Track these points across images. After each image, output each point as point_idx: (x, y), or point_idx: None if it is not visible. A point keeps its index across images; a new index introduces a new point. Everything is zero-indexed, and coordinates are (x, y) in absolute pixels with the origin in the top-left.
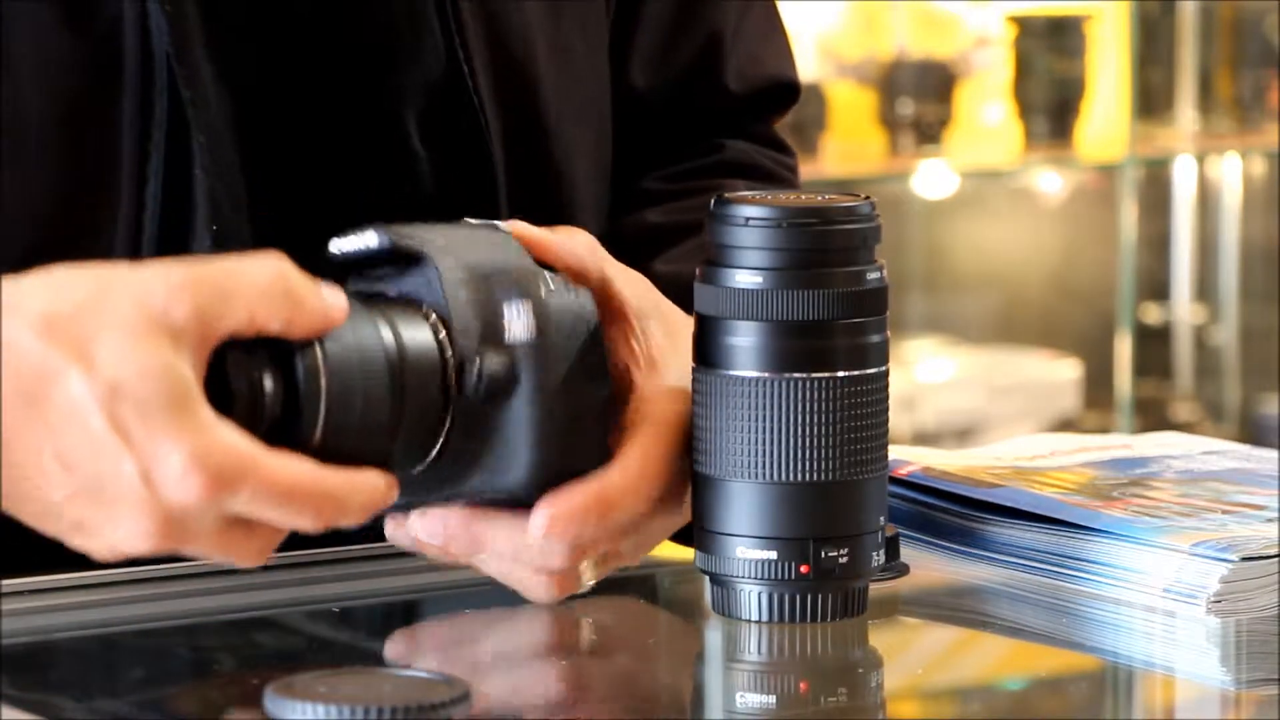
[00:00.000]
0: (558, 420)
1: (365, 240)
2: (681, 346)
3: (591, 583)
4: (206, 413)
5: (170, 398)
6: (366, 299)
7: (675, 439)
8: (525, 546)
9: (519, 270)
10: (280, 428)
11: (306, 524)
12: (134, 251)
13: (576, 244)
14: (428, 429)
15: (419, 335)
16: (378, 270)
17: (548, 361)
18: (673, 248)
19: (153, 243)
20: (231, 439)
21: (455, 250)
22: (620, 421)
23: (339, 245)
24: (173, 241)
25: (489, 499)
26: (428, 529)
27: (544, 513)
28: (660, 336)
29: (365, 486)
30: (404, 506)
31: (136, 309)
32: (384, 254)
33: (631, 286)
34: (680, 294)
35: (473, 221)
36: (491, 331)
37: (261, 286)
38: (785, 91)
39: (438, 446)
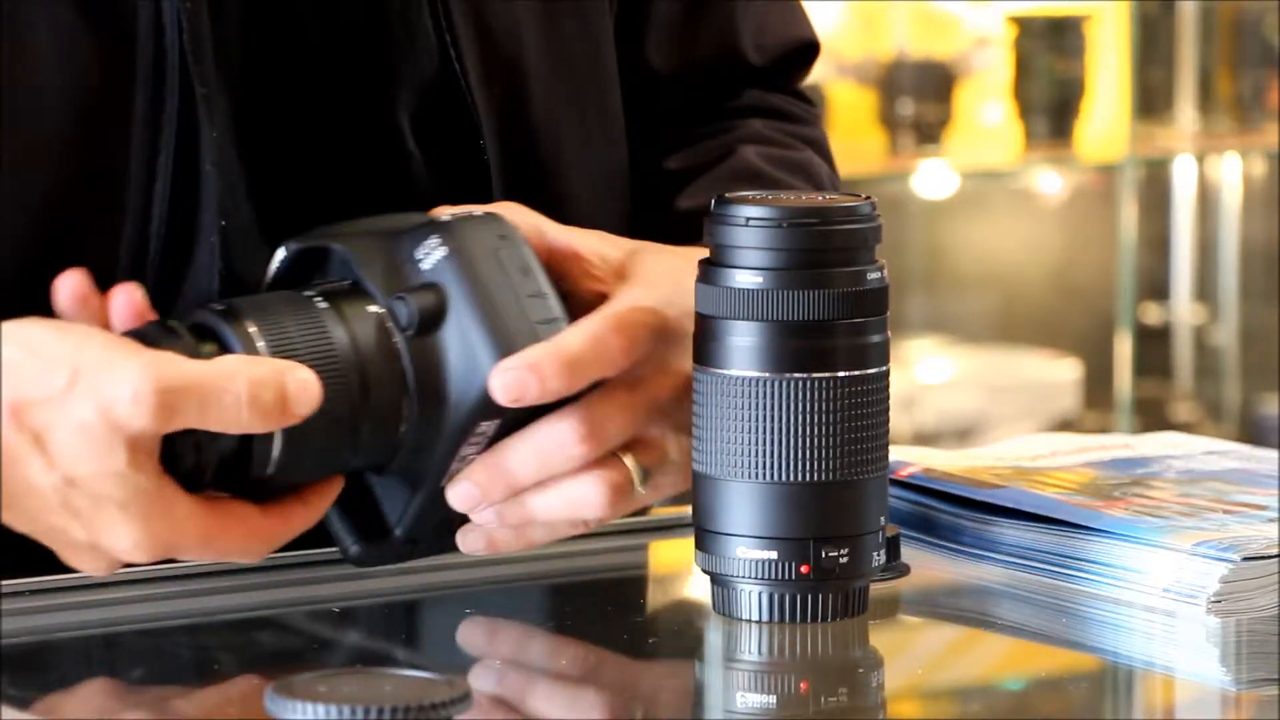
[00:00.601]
0: (510, 331)
1: (276, 258)
2: (675, 270)
3: (647, 490)
4: (159, 502)
5: (123, 498)
6: (301, 303)
7: (649, 310)
8: (551, 451)
9: (417, 218)
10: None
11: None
12: (141, 246)
13: (509, 210)
14: (390, 395)
15: (360, 320)
16: (310, 282)
17: (474, 276)
18: (690, 185)
19: (160, 239)
20: (183, 521)
21: (355, 229)
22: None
23: (268, 277)
24: (179, 239)
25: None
26: (461, 496)
27: (498, 371)
28: (628, 259)
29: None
30: (417, 482)
31: (98, 415)
32: (301, 263)
33: (580, 235)
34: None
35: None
36: (411, 272)
37: (226, 395)
38: (805, 51)
39: (409, 396)
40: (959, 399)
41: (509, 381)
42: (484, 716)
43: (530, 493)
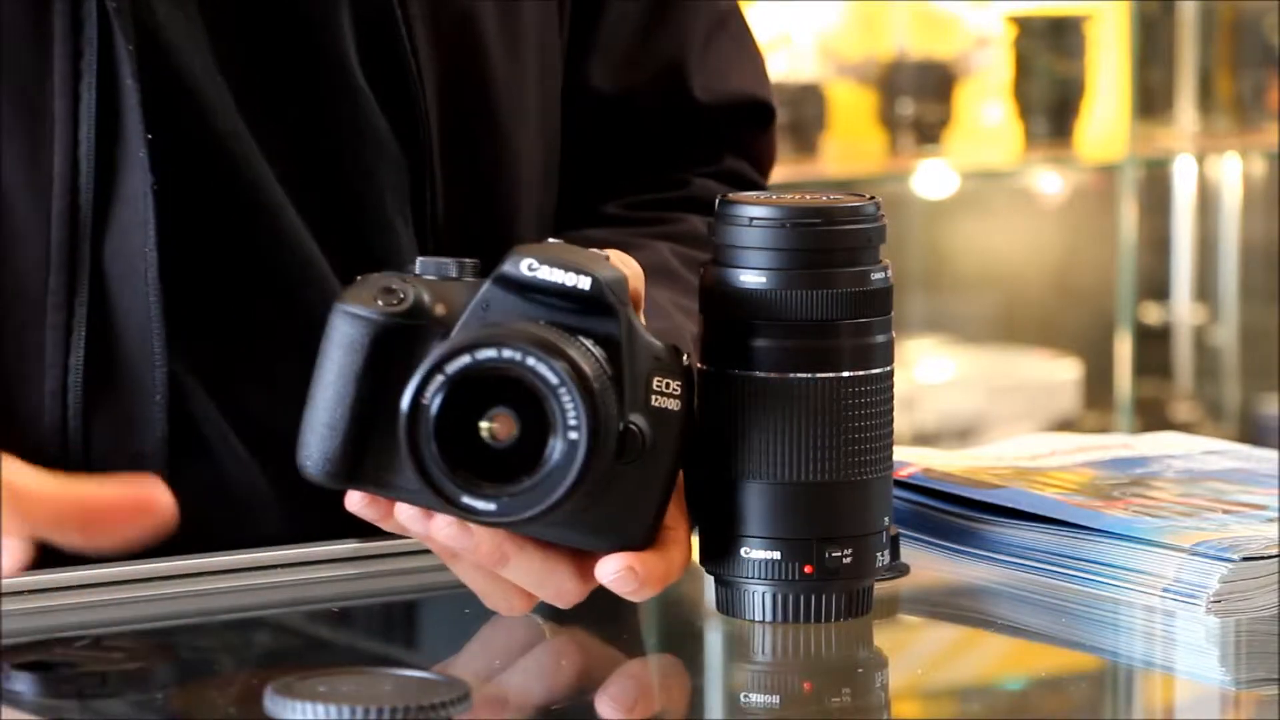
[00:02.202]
0: (668, 487)
1: (575, 280)
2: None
3: None
4: None
5: None
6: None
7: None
8: (548, 575)
9: (667, 337)
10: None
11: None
12: (72, 170)
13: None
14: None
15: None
16: (561, 302)
17: (681, 430)
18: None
19: (90, 160)
20: None
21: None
22: None
23: (534, 270)
24: (108, 160)
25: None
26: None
27: (621, 562)
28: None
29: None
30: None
31: None
32: (577, 292)
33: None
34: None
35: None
36: (647, 395)
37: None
38: (757, 109)
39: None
40: (959, 399)
41: (620, 571)
42: (484, 716)
43: None
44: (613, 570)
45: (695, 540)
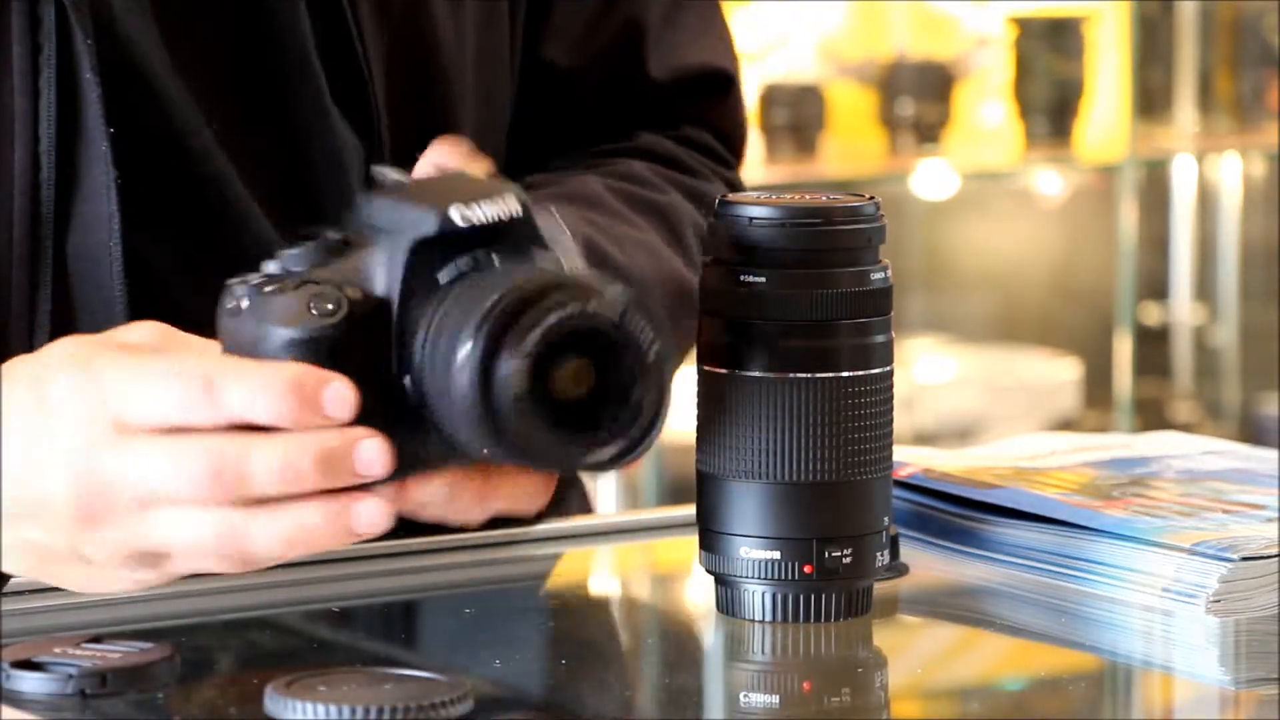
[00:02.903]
0: None
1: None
2: None
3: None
4: None
5: None
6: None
7: None
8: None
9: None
10: None
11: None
12: (33, 166)
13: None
14: None
15: None
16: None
17: None
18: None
19: (50, 156)
20: None
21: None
22: None
23: (474, 214)
24: (70, 154)
25: None
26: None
27: None
28: None
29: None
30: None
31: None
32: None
33: None
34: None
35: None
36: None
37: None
38: (715, 79)
39: None
40: (959, 399)
41: None
42: (484, 717)
43: None
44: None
45: (695, 539)
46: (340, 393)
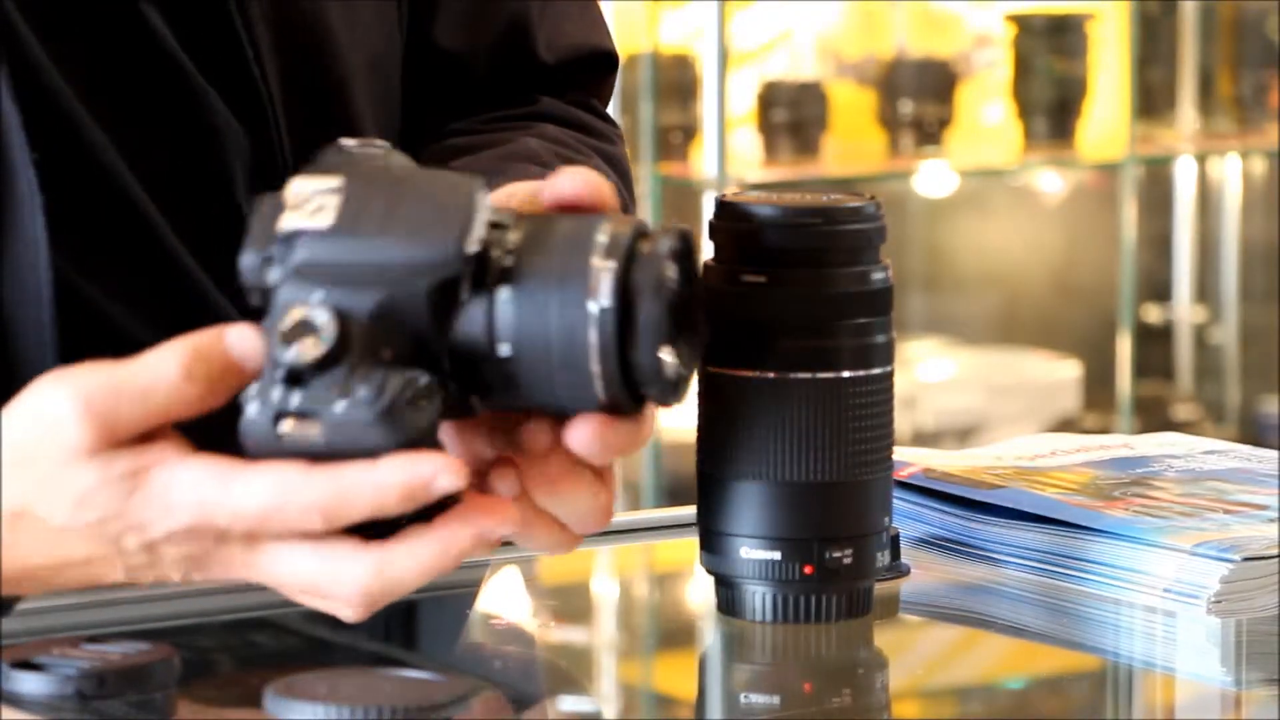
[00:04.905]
0: None
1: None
2: None
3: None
4: None
5: None
6: None
7: None
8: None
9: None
10: None
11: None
12: None
13: None
14: None
15: None
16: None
17: None
18: (464, 157)
19: None
20: None
21: None
22: None
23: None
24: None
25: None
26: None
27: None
28: None
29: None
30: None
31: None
32: None
33: None
34: None
35: None
36: None
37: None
38: (601, 60)
39: None
40: (959, 399)
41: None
42: (484, 716)
43: None
44: (585, 435)
45: (695, 540)
46: (451, 483)
